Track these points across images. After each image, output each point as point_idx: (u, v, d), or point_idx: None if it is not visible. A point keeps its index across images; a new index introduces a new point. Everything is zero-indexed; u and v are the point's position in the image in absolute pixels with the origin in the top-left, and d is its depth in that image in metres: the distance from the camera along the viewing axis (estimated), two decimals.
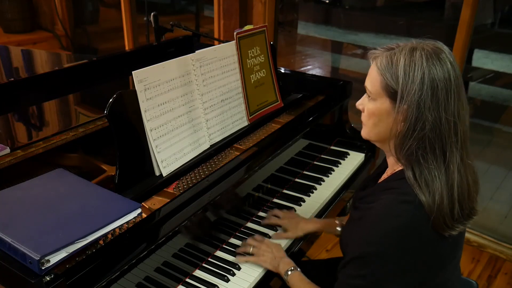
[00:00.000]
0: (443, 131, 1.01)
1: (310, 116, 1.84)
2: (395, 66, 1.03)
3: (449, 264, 1.13)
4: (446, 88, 1.00)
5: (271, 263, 1.34)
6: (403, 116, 1.03)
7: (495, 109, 3.76)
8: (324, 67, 4.92)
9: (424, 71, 0.99)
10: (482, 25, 3.39)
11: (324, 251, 2.63)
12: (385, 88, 1.05)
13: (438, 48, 1.03)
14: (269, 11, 3.16)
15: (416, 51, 1.02)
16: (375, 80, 1.07)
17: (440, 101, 1.00)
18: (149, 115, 1.31)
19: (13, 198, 1.15)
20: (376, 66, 1.07)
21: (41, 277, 0.93)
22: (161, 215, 1.20)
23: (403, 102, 1.02)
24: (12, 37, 4.59)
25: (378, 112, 1.08)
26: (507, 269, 2.56)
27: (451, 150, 1.02)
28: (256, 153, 1.52)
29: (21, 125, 1.70)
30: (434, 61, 1.00)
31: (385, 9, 4.57)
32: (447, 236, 1.04)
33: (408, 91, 1.00)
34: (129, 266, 1.10)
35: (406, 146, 1.03)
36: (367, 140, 1.18)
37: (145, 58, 2.11)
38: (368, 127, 1.13)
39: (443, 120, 1.00)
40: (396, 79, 1.02)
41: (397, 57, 1.03)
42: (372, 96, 1.09)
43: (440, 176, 1.02)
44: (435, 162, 1.02)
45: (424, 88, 0.99)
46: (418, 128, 1.01)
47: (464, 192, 1.05)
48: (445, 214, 1.01)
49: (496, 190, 3.05)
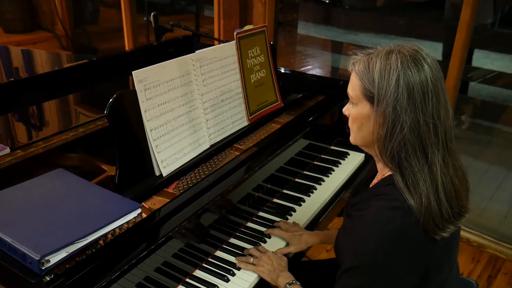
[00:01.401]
0: (422, 133, 1.01)
1: (310, 116, 1.84)
2: (371, 70, 1.04)
3: (445, 265, 1.13)
4: (422, 90, 1.00)
5: (269, 275, 1.33)
6: (381, 119, 1.04)
7: (495, 109, 3.75)
8: (324, 67, 4.92)
9: (399, 74, 1.00)
10: (482, 25, 3.39)
11: (324, 251, 2.63)
12: (363, 92, 1.07)
13: (415, 51, 1.04)
14: (269, 11, 3.17)
15: (391, 55, 1.03)
16: (355, 85, 1.09)
17: (417, 103, 1.00)
18: (149, 115, 1.31)
19: (13, 198, 1.15)
20: (355, 71, 1.09)
21: (41, 277, 0.93)
22: (161, 215, 1.20)
23: (380, 105, 1.03)
24: (12, 37, 4.59)
25: (360, 116, 1.10)
26: (507, 269, 2.56)
27: (433, 151, 1.02)
28: (256, 153, 1.52)
29: (21, 125, 1.70)
30: (409, 63, 1.01)
31: (385, 9, 4.57)
32: (439, 239, 1.04)
33: (384, 94, 1.02)
34: (129, 266, 1.10)
35: (388, 149, 1.04)
36: None
37: (145, 58, 2.11)
38: (354, 132, 1.15)
39: (421, 122, 1.01)
40: (372, 83, 1.04)
41: (373, 61, 1.05)
42: (353, 101, 1.11)
43: (424, 178, 1.02)
44: (418, 164, 1.02)
45: (400, 91, 1.00)
46: (397, 130, 1.01)
47: (450, 191, 1.05)
48: (435, 216, 1.02)
49: (496, 190, 3.05)
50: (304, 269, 1.34)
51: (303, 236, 1.51)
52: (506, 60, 3.91)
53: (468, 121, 3.55)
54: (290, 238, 1.49)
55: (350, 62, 1.11)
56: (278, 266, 1.35)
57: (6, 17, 4.66)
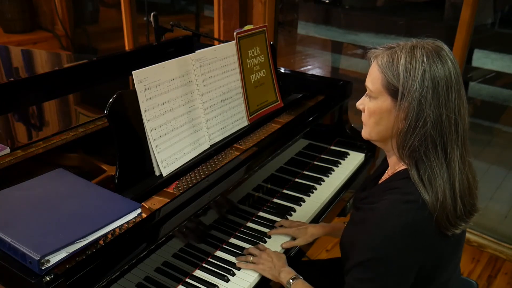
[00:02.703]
0: (444, 128, 1.01)
1: (310, 116, 1.84)
2: (396, 64, 1.03)
3: (451, 263, 1.13)
4: (447, 85, 1.00)
5: (270, 272, 1.33)
6: (405, 114, 1.03)
7: (495, 109, 3.76)
8: (324, 67, 4.92)
9: (425, 68, 1.00)
10: (482, 25, 3.39)
11: (324, 251, 2.63)
12: (386, 86, 1.05)
13: (438, 47, 1.04)
14: (269, 11, 3.17)
15: (416, 49, 1.03)
16: (376, 79, 1.07)
17: (441, 98, 1.00)
18: (149, 115, 1.31)
19: (13, 198, 1.15)
20: (377, 64, 1.07)
21: (41, 277, 0.93)
22: (161, 215, 1.20)
23: (404, 99, 1.02)
24: (12, 37, 4.59)
25: (379, 111, 1.09)
26: (507, 269, 2.56)
27: (452, 147, 1.03)
28: (256, 153, 1.52)
29: (21, 125, 1.70)
30: (434, 58, 1.01)
31: (385, 9, 4.57)
32: (450, 235, 1.05)
33: (409, 88, 1.01)
34: (129, 266, 1.10)
35: (408, 143, 1.04)
36: (368, 140, 1.18)
37: (145, 58, 2.11)
38: (369, 127, 1.13)
39: (444, 117, 1.01)
40: (397, 77, 1.03)
41: (398, 55, 1.03)
42: (373, 95, 1.09)
43: (442, 173, 1.02)
44: (437, 159, 1.02)
45: (425, 85, 1.00)
46: (420, 125, 1.01)
47: (465, 188, 1.05)
48: (448, 212, 1.02)
49: (496, 190, 3.05)
50: (304, 269, 1.34)
51: (308, 229, 1.51)
52: (506, 60, 3.91)
53: (468, 121, 3.54)
54: (295, 233, 1.49)
55: (371, 55, 1.10)
56: (278, 262, 1.35)
57: (6, 17, 4.66)
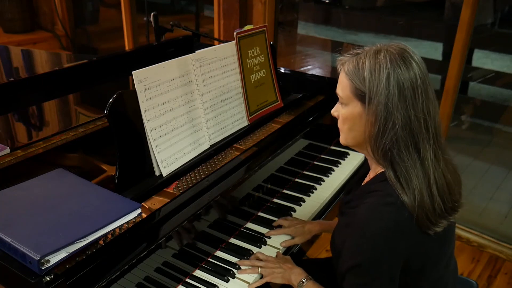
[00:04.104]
0: (414, 129, 1.03)
1: (310, 116, 1.84)
2: (361, 69, 1.05)
3: (440, 261, 1.14)
4: (412, 87, 1.02)
5: (283, 277, 1.33)
6: (373, 117, 1.05)
7: (495, 109, 3.76)
8: (324, 67, 4.92)
9: (389, 72, 1.02)
10: (482, 25, 3.39)
11: (324, 251, 2.63)
12: (354, 92, 1.08)
13: (401, 49, 1.06)
14: (269, 11, 3.16)
15: (380, 53, 1.05)
16: (345, 86, 1.10)
17: (408, 100, 1.02)
18: (149, 115, 1.31)
19: (13, 198, 1.15)
20: (344, 71, 1.10)
21: (41, 277, 0.93)
22: (161, 215, 1.20)
23: (371, 104, 1.04)
24: (12, 37, 4.59)
25: (351, 116, 1.11)
26: (507, 269, 2.56)
27: (424, 146, 1.04)
28: (256, 153, 1.52)
29: (21, 125, 1.70)
30: (398, 61, 1.03)
31: (385, 9, 4.57)
32: (432, 234, 1.06)
33: (376, 92, 1.03)
34: (129, 266, 1.10)
35: (380, 146, 1.06)
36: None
37: (145, 58, 2.11)
38: (345, 133, 1.16)
39: (413, 117, 1.03)
40: (363, 82, 1.05)
41: (362, 61, 1.06)
42: (344, 101, 1.12)
43: (417, 173, 1.04)
44: (411, 159, 1.04)
45: (390, 88, 1.02)
46: (389, 127, 1.03)
47: (443, 185, 1.07)
48: (428, 211, 1.03)
49: (496, 190, 3.05)
50: (304, 268, 1.34)
51: (306, 227, 1.52)
52: (506, 60, 3.91)
53: (468, 121, 3.54)
54: (293, 232, 1.50)
55: (338, 63, 1.13)
56: (285, 266, 1.35)
57: (6, 17, 4.66)
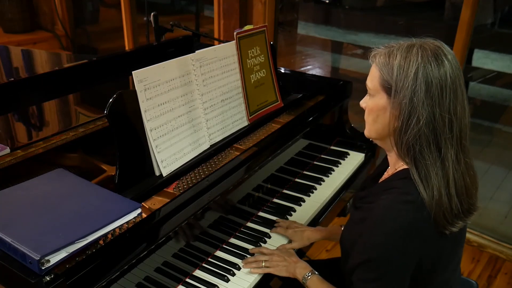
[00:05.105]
0: (437, 127, 1.02)
1: (310, 116, 1.84)
2: (391, 61, 1.05)
3: (451, 263, 1.14)
4: (440, 85, 1.01)
5: (287, 270, 1.34)
6: (397, 111, 1.05)
7: (495, 109, 3.76)
8: (324, 67, 4.92)
9: (418, 67, 1.01)
10: (482, 25, 3.39)
11: (324, 251, 2.63)
12: (382, 83, 1.08)
13: (436, 46, 1.05)
14: (269, 11, 3.16)
15: (413, 48, 1.04)
16: (374, 77, 1.10)
17: (434, 98, 1.01)
18: (149, 115, 1.31)
19: (13, 198, 1.15)
20: (375, 63, 1.10)
21: (41, 277, 0.93)
22: (161, 215, 1.20)
23: (397, 97, 1.04)
24: (12, 37, 4.58)
25: (376, 108, 1.11)
26: (507, 269, 2.56)
27: (446, 146, 1.03)
28: (256, 153, 1.52)
29: (21, 125, 1.70)
30: (430, 58, 1.02)
31: (385, 9, 4.57)
32: (448, 234, 1.05)
33: (402, 85, 1.03)
34: (129, 266, 1.10)
35: (403, 141, 1.05)
36: (368, 140, 1.19)
37: (145, 58, 2.11)
38: (369, 124, 1.15)
39: (437, 116, 1.02)
40: (391, 74, 1.05)
41: (394, 54, 1.06)
42: (371, 92, 1.12)
43: (436, 172, 1.03)
44: (431, 157, 1.03)
45: (418, 83, 1.01)
46: (413, 122, 1.02)
47: (461, 187, 1.06)
48: (445, 210, 1.03)
49: (496, 190, 3.05)
50: None
51: (305, 233, 1.51)
52: (506, 60, 3.91)
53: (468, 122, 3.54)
54: (292, 235, 1.50)
55: (371, 54, 1.12)
56: (290, 259, 1.36)
57: (6, 17, 4.66)
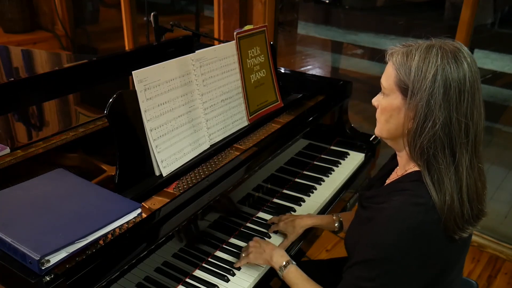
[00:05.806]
0: (453, 131, 1.00)
1: (310, 116, 1.84)
2: (409, 61, 1.02)
3: (454, 267, 1.13)
4: (459, 88, 0.98)
5: (261, 257, 1.32)
6: (413, 113, 1.02)
7: (495, 109, 3.75)
8: (324, 67, 4.92)
9: (437, 69, 0.98)
10: (482, 25, 3.39)
11: (324, 251, 2.63)
12: (398, 83, 1.05)
13: (456, 48, 1.02)
14: (269, 11, 3.16)
15: (432, 49, 1.01)
16: (390, 76, 1.07)
17: (452, 101, 0.98)
18: (149, 115, 1.31)
19: (13, 198, 1.15)
20: (392, 61, 1.07)
21: (41, 277, 0.93)
22: (161, 215, 1.20)
23: (413, 98, 1.01)
24: (12, 37, 4.59)
25: (390, 108, 1.08)
26: (507, 269, 2.56)
27: (461, 151, 1.01)
28: (256, 153, 1.52)
29: (21, 125, 1.70)
30: (449, 59, 0.99)
31: (385, 9, 4.57)
32: (457, 239, 1.04)
33: (420, 87, 1.00)
34: (129, 266, 1.10)
35: (417, 144, 1.03)
36: (368, 140, 1.18)
37: (145, 58, 2.11)
38: (381, 123, 1.13)
39: (454, 120, 0.99)
40: (408, 74, 1.02)
41: (412, 53, 1.03)
42: (385, 91, 1.09)
43: (450, 176, 1.01)
44: (445, 161, 1.01)
45: (436, 86, 0.98)
46: (429, 125, 0.99)
47: (473, 193, 1.04)
48: (456, 215, 1.01)
49: (496, 190, 3.05)
50: (304, 269, 1.34)
51: (296, 221, 1.50)
52: (506, 60, 3.91)
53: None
54: (284, 228, 1.50)
55: (388, 52, 1.09)
56: (266, 246, 1.35)
57: (6, 17, 4.66)
